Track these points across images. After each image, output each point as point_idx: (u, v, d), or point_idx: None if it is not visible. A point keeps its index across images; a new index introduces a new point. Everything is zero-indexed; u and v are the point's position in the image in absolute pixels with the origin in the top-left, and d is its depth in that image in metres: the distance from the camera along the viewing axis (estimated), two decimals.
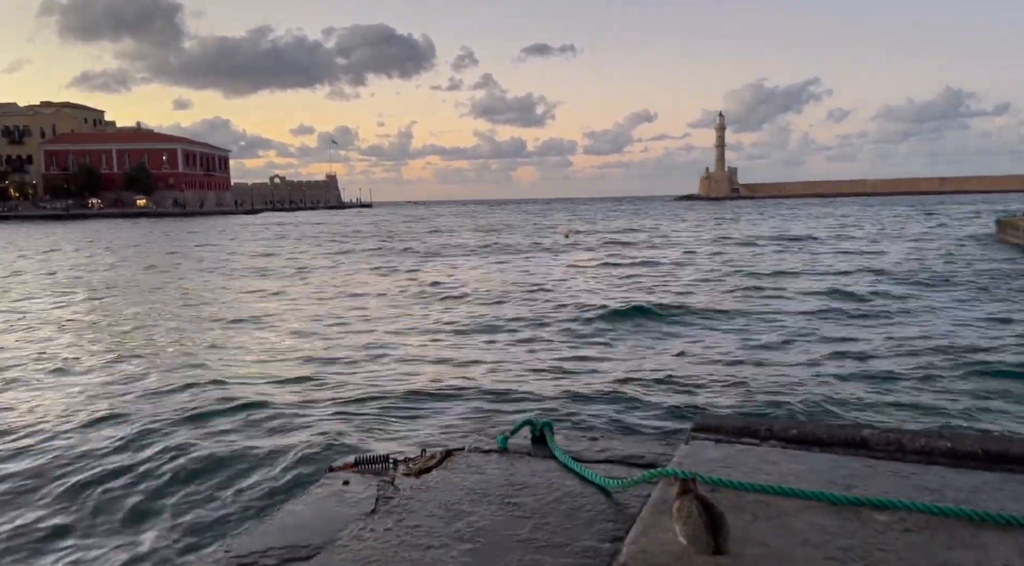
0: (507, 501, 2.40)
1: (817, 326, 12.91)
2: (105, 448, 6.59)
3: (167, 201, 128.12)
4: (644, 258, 29.43)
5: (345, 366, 10.47)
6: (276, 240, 50.38)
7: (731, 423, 2.78)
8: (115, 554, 4.49)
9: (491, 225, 67.49)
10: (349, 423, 7.30)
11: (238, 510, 5.04)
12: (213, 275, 25.84)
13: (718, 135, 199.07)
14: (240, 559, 2.19)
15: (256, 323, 14.75)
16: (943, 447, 2.40)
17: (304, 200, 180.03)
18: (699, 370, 9.74)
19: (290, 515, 2.51)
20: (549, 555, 2.01)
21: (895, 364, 9.64)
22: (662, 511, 2.01)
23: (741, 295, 17.60)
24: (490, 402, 8.28)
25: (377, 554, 2.07)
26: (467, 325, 14.05)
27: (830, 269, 23.22)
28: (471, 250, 37.11)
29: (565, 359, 10.66)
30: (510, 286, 20.43)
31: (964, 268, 22.52)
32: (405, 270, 26.82)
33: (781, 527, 1.91)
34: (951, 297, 16.30)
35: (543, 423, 3.04)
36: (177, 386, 9.20)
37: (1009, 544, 1.78)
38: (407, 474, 2.75)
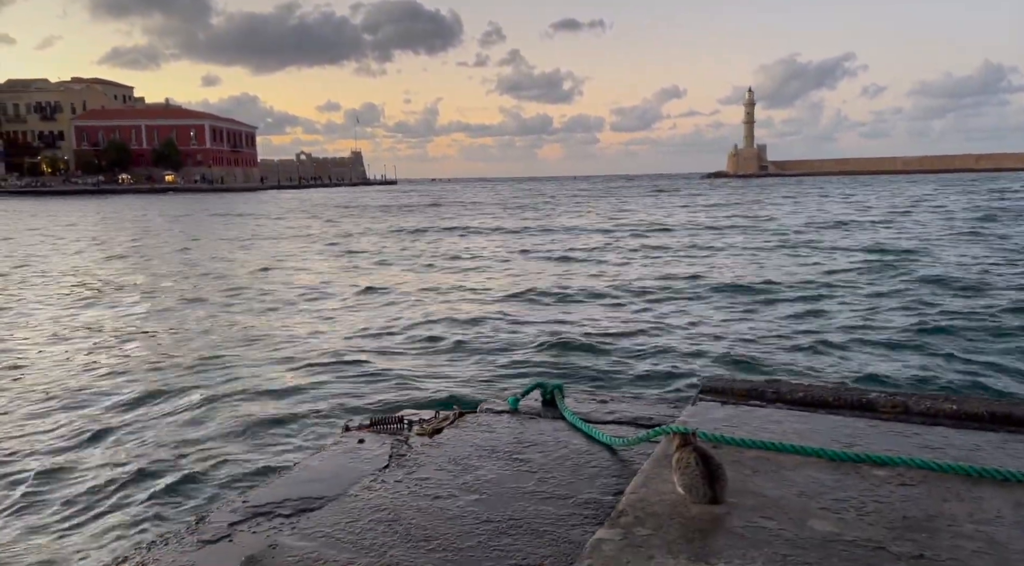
0: (515, 457, 2.46)
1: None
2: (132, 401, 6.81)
3: (195, 177, 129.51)
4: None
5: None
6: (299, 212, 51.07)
7: (738, 385, 2.81)
8: (135, 507, 4.70)
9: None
10: (368, 385, 7.47)
11: (255, 467, 5.21)
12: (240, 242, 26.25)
13: (747, 111, 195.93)
14: (257, 508, 2.29)
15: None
16: (948, 409, 2.41)
17: (329, 177, 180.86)
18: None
19: (305, 470, 2.60)
20: (552, 506, 2.08)
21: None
22: (663, 465, 2.05)
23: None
24: (500, 367, 8.45)
25: (387, 502, 2.14)
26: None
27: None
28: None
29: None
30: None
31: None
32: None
33: (778, 480, 1.95)
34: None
35: (554, 385, 3.10)
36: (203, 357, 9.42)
37: (1004, 497, 1.80)
38: (421, 433, 2.83)
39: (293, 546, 1.90)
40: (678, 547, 1.61)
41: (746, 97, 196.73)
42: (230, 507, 2.34)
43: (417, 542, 1.89)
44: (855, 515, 1.73)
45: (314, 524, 2.04)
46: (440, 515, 2.04)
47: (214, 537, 2.12)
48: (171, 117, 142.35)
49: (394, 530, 1.96)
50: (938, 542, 1.59)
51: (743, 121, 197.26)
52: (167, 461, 5.49)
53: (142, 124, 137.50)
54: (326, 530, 2.00)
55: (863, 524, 1.68)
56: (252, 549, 1.93)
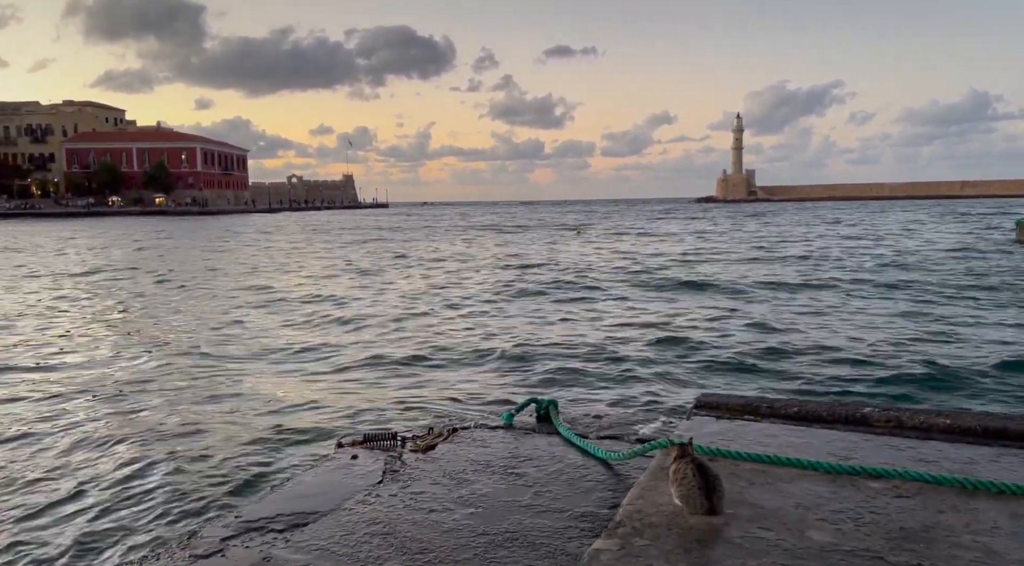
0: (510, 471, 2.45)
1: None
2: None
3: (185, 200, 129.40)
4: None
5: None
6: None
7: (733, 401, 2.82)
8: (126, 517, 4.63)
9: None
10: (361, 402, 7.44)
11: (245, 483, 5.16)
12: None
13: (735, 137, 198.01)
14: (249, 523, 2.26)
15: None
16: (942, 423, 2.42)
17: (321, 200, 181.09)
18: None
19: (299, 485, 2.57)
20: (548, 519, 2.07)
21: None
22: (660, 477, 2.05)
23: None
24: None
25: (381, 516, 2.13)
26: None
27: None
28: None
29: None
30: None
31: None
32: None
33: (775, 492, 1.95)
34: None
35: (548, 401, 3.10)
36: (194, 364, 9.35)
37: (1000, 509, 1.80)
38: (414, 449, 2.82)
39: (287, 559, 1.88)
40: (676, 557, 1.61)
41: (735, 123, 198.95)
42: (222, 522, 2.31)
43: (413, 555, 1.87)
44: (852, 526, 1.73)
45: (308, 538, 2.02)
46: (436, 528, 2.02)
47: (206, 552, 2.10)
48: (162, 140, 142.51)
49: (389, 543, 1.95)
50: (936, 552, 1.59)
51: (732, 147, 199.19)
52: (157, 478, 5.43)
53: (133, 147, 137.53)
54: (320, 543, 1.98)
55: (861, 534, 1.68)
56: (245, 562, 1.91)
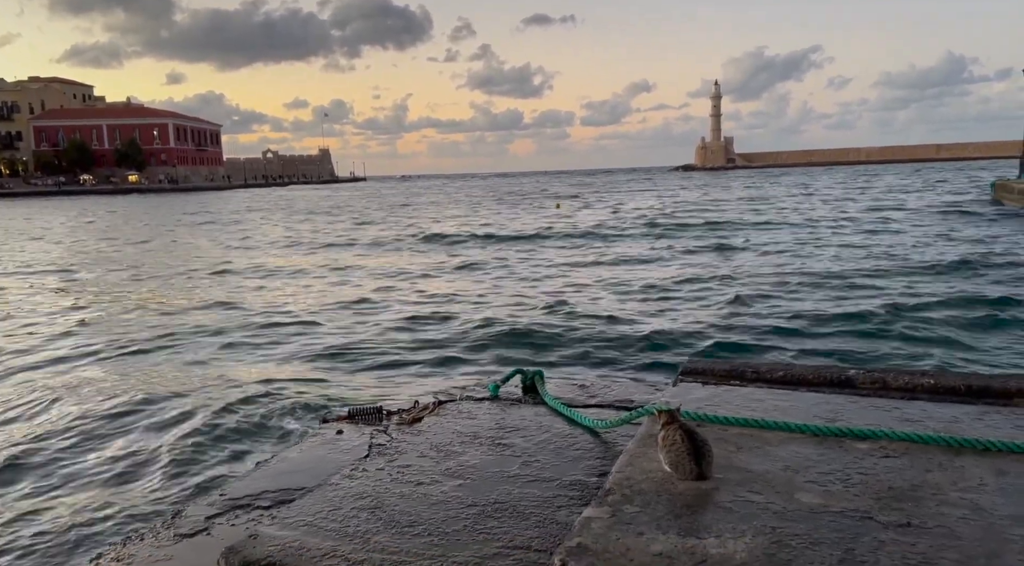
0: (497, 442, 2.44)
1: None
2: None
3: (159, 177, 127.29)
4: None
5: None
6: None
7: (718, 366, 2.82)
8: (112, 499, 4.59)
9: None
10: (342, 377, 7.40)
11: (229, 460, 5.13)
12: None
13: (713, 104, 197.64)
14: (235, 501, 2.24)
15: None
16: (926, 384, 2.43)
17: (297, 175, 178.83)
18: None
19: (284, 461, 2.55)
20: (537, 488, 2.06)
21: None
22: (648, 444, 2.04)
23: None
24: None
25: (369, 490, 2.11)
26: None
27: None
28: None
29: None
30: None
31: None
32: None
33: (763, 456, 1.95)
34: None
35: (534, 372, 3.08)
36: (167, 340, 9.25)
37: (985, 466, 1.82)
38: (400, 423, 2.80)
39: (274, 535, 1.86)
40: (667, 523, 1.60)
41: (713, 90, 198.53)
42: (207, 500, 2.29)
43: (402, 528, 1.86)
44: (841, 487, 1.73)
45: (295, 514, 2.00)
46: (424, 501, 2.01)
47: (191, 530, 2.07)
48: (133, 116, 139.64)
49: (378, 517, 1.93)
50: (924, 510, 1.60)
51: (710, 114, 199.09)
52: (137, 458, 5.38)
53: (103, 123, 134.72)
54: (308, 519, 1.95)
55: (849, 495, 1.69)
56: (232, 540, 1.89)
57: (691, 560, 1.44)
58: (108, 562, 1.95)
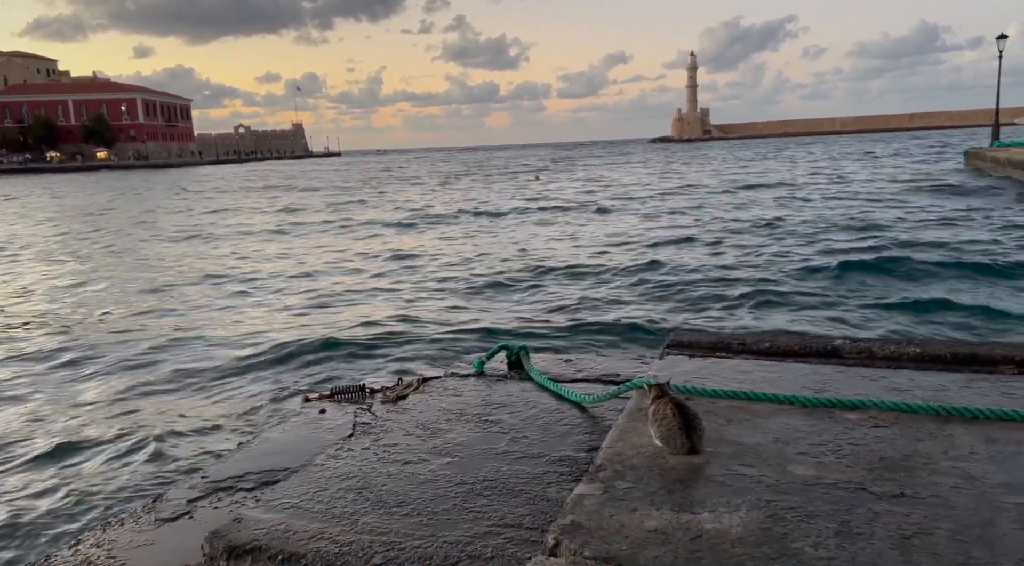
0: (484, 419, 2.41)
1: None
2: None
3: (128, 153, 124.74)
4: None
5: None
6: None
7: (704, 339, 2.80)
8: (99, 482, 4.51)
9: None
10: (325, 356, 7.33)
11: (210, 442, 5.06)
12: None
13: (689, 75, 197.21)
14: (217, 484, 2.19)
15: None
16: (912, 352, 2.44)
17: (271, 150, 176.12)
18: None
19: (266, 442, 2.50)
20: (526, 465, 2.03)
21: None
22: (637, 418, 2.02)
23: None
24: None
25: (355, 470, 2.07)
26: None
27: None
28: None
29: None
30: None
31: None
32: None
33: (754, 428, 1.94)
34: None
35: (519, 347, 3.05)
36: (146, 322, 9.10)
37: (975, 434, 1.82)
38: (385, 401, 2.75)
39: (259, 518, 1.82)
40: (660, 498, 1.58)
41: (688, 61, 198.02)
42: (188, 484, 2.24)
43: (390, 508, 1.82)
44: (833, 458, 1.72)
45: (280, 496, 1.96)
46: (412, 480, 1.98)
47: (173, 514, 2.03)
48: (100, 91, 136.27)
49: (365, 497, 1.89)
50: (917, 480, 1.60)
51: (686, 85, 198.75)
52: (116, 443, 5.29)
53: (69, 99, 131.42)
54: (293, 501, 1.91)
55: (842, 466, 1.68)
56: (215, 523, 1.84)
57: (686, 536, 1.42)
58: (87, 548, 1.90)
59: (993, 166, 29.16)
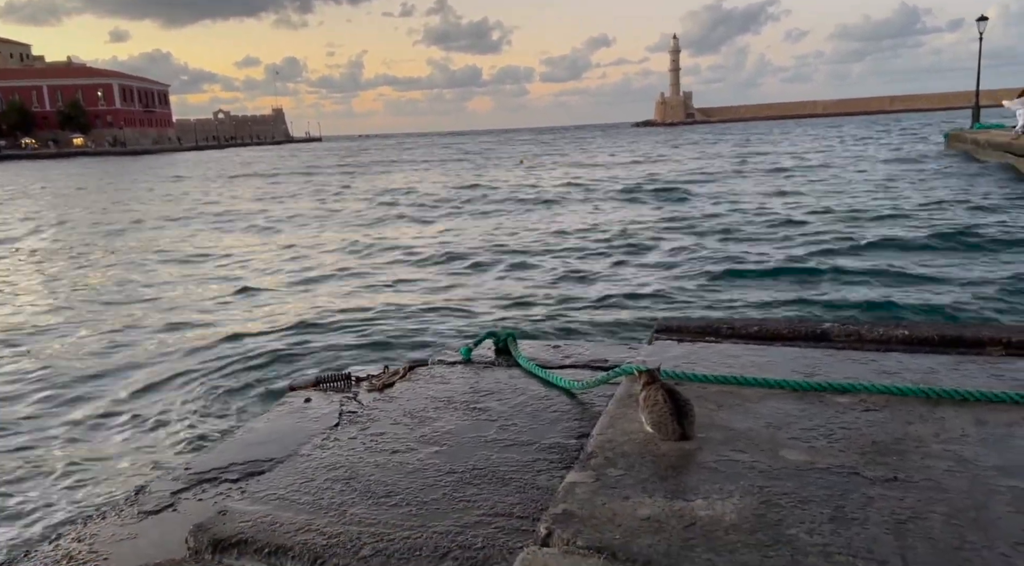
0: (472, 407, 2.38)
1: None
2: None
3: (105, 139, 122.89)
4: None
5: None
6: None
7: (693, 324, 2.79)
8: (78, 473, 4.45)
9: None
10: (306, 344, 7.27)
11: (193, 433, 4.99)
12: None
13: (672, 59, 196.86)
14: (201, 475, 2.15)
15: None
16: (900, 335, 2.43)
17: (251, 136, 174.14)
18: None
19: (251, 432, 2.46)
20: (516, 453, 2.01)
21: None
22: (627, 404, 2.01)
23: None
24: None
25: (342, 460, 2.04)
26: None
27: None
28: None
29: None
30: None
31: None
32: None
33: (745, 413, 1.93)
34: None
35: (507, 333, 3.02)
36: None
37: (965, 417, 1.82)
38: (371, 389, 2.72)
39: (245, 511, 1.78)
40: (653, 485, 1.57)
41: (671, 44, 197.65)
42: (172, 475, 2.20)
43: (378, 498, 1.80)
44: (825, 443, 1.71)
45: (265, 487, 1.93)
46: (400, 469, 1.95)
47: (157, 507, 1.99)
48: (75, 76, 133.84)
49: (353, 488, 1.87)
50: (909, 463, 1.59)
51: (669, 69, 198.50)
52: (97, 432, 5.22)
53: (43, 84, 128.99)
54: (279, 492, 1.88)
55: (834, 451, 1.67)
56: (200, 516, 1.81)
57: (680, 523, 1.41)
58: (69, 543, 1.86)
59: (974, 148, 29.42)
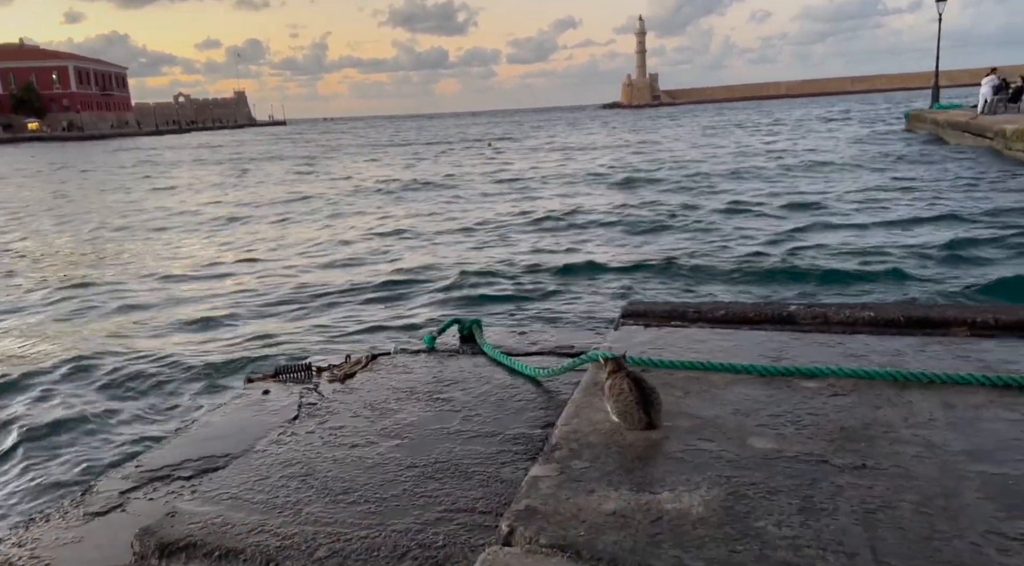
0: (436, 397, 2.32)
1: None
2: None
3: (61, 124, 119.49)
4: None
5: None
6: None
7: (659, 308, 2.75)
8: (24, 474, 4.29)
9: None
10: (270, 332, 7.11)
11: (145, 427, 4.84)
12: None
13: (638, 40, 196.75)
14: (152, 473, 2.06)
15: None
16: (866, 317, 2.42)
17: (213, 119, 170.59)
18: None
19: (206, 426, 2.37)
20: (480, 444, 1.95)
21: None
22: (593, 392, 1.96)
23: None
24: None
25: (299, 456, 1.96)
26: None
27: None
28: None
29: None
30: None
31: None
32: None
33: (712, 400, 1.89)
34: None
35: (471, 321, 2.96)
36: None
37: (933, 400, 1.80)
38: (332, 380, 2.64)
39: (195, 512, 1.70)
40: (619, 478, 1.52)
41: (637, 26, 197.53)
42: (121, 473, 2.10)
43: (336, 496, 1.73)
44: (793, 430, 1.68)
45: (218, 486, 1.85)
46: (359, 464, 1.88)
47: (104, 508, 1.89)
48: (28, 58, 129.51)
49: (309, 485, 1.80)
50: (878, 450, 1.56)
51: (635, 51, 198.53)
52: (46, 426, 5.03)
53: None
54: (232, 491, 1.80)
55: (802, 438, 1.64)
56: (148, 518, 1.72)
57: (646, 518, 1.36)
58: (8, 548, 1.76)
59: (933, 127, 29.90)
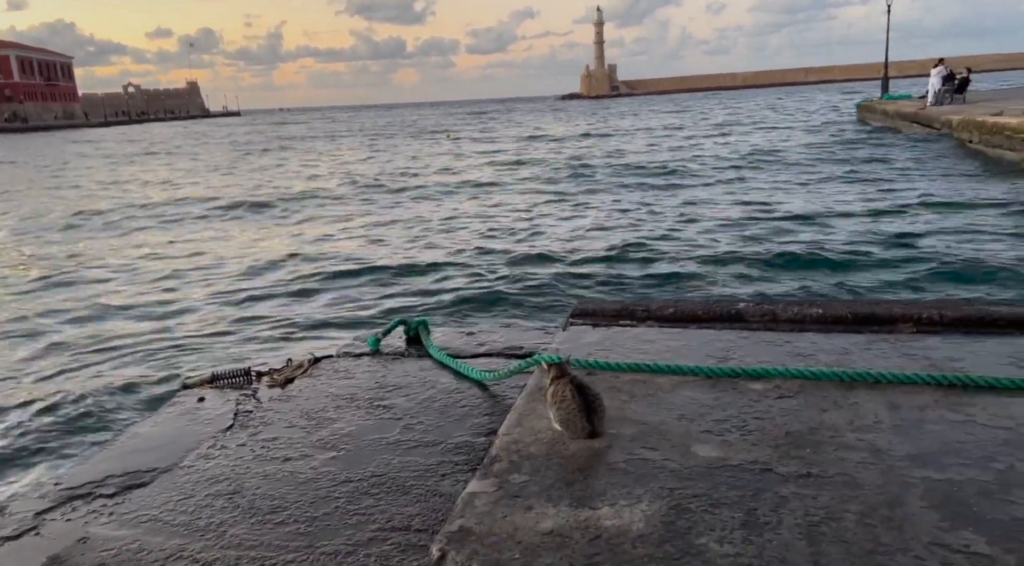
0: (376, 404, 2.23)
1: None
2: None
3: (4, 115, 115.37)
4: None
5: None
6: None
7: (609, 307, 2.70)
8: None
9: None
10: (207, 335, 6.88)
11: (70, 439, 4.59)
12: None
13: (596, 31, 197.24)
14: (72, 490, 1.93)
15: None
16: (814, 314, 2.39)
17: (164, 110, 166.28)
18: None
19: (134, 438, 2.25)
20: (419, 455, 1.87)
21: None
22: (537, 399, 1.89)
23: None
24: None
25: (227, 471, 1.86)
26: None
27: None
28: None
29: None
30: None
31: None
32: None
33: (657, 405, 1.84)
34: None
35: (418, 322, 2.86)
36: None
37: (879, 400, 1.77)
38: (271, 385, 2.53)
39: (109, 537, 1.59)
40: (558, 493, 1.46)
41: (595, 16, 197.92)
42: (39, 491, 1.97)
43: (263, 515, 1.63)
44: (738, 436, 1.64)
45: (138, 506, 1.74)
46: (290, 480, 1.79)
47: (16, 531, 1.76)
48: None
49: (235, 504, 1.70)
50: (823, 456, 1.52)
51: (594, 41, 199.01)
52: None
53: None
54: (153, 512, 1.70)
55: (747, 445, 1.59)
56: (59, 545, 1.61)
57: (584, 536, 1.30)
58: None
59: (883, 117, 30.52)
